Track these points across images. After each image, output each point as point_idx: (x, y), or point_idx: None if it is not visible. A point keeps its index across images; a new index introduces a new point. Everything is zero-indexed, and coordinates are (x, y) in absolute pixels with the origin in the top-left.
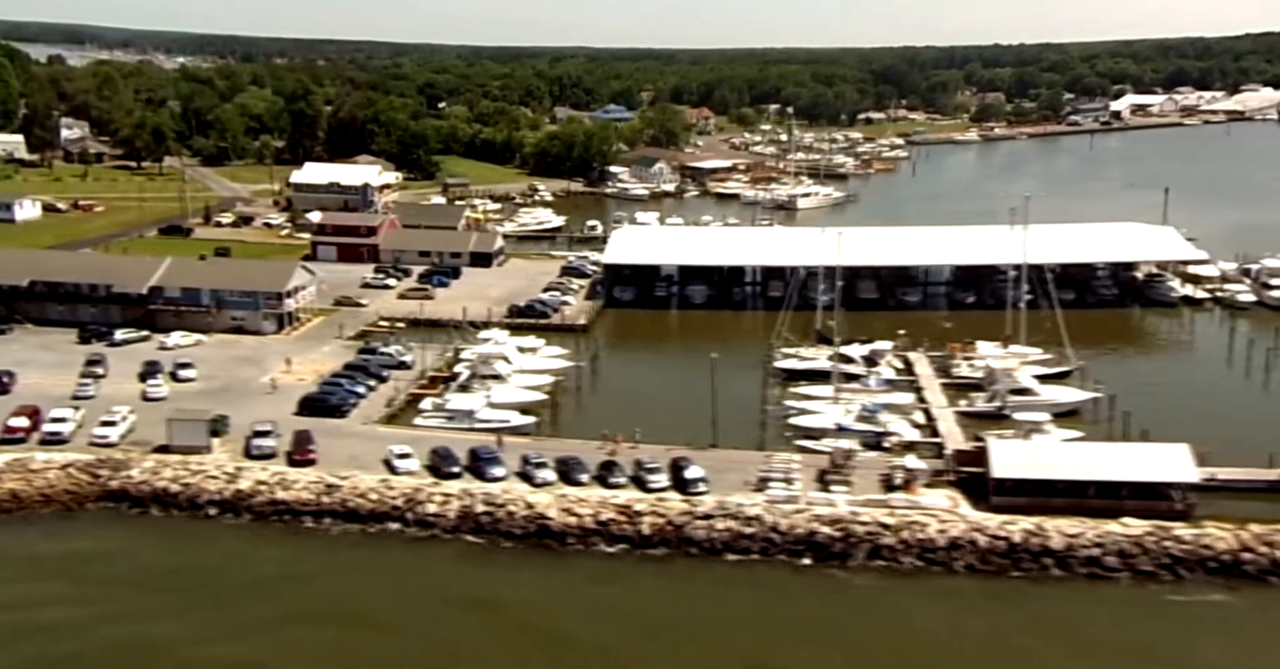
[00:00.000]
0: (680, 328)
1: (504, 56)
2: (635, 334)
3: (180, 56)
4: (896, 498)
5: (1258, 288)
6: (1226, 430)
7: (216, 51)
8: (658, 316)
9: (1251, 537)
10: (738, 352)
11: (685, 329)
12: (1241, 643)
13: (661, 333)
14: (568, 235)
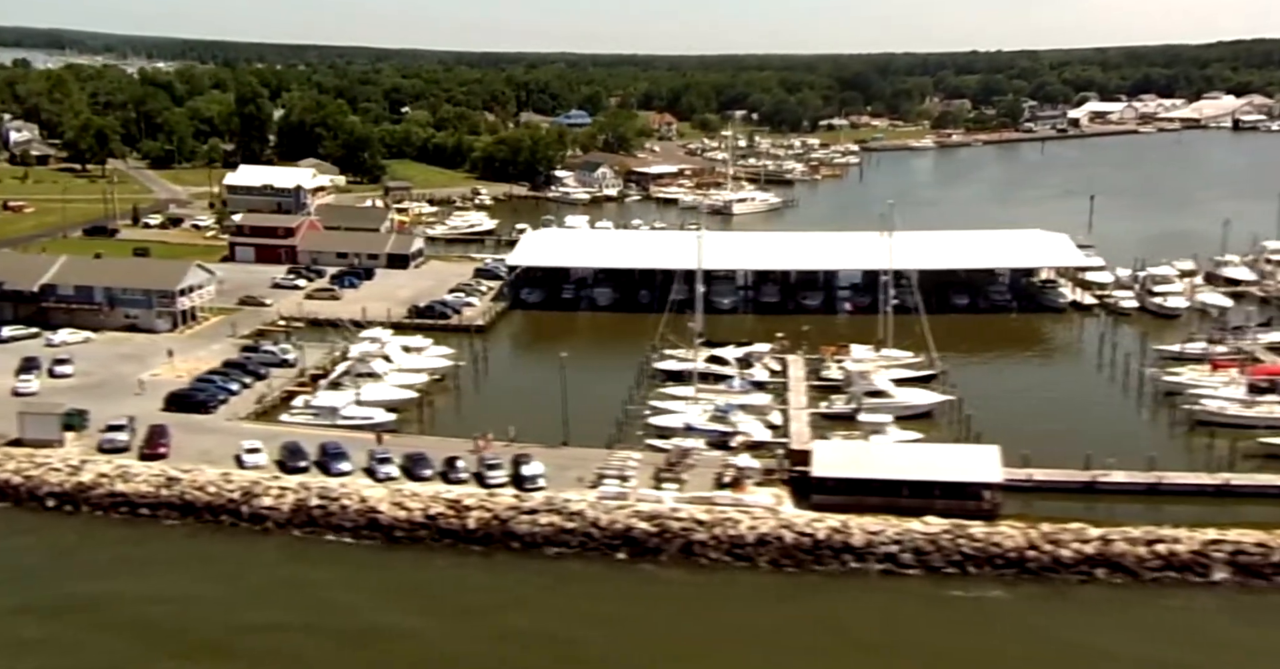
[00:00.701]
0: (580, 330)
1: (486, 62)
2: (533, 335)
3: (160, 61)
4: (722, 496)
5: (1142, 294)
6: (1067, 432)
7: (198, 56)
8: (561, 318)
9: (1039, 535)
10: (630, 353)
11: (584, 331)
12: (1006, 636)
13: (559, 334)
14: (496, 238)
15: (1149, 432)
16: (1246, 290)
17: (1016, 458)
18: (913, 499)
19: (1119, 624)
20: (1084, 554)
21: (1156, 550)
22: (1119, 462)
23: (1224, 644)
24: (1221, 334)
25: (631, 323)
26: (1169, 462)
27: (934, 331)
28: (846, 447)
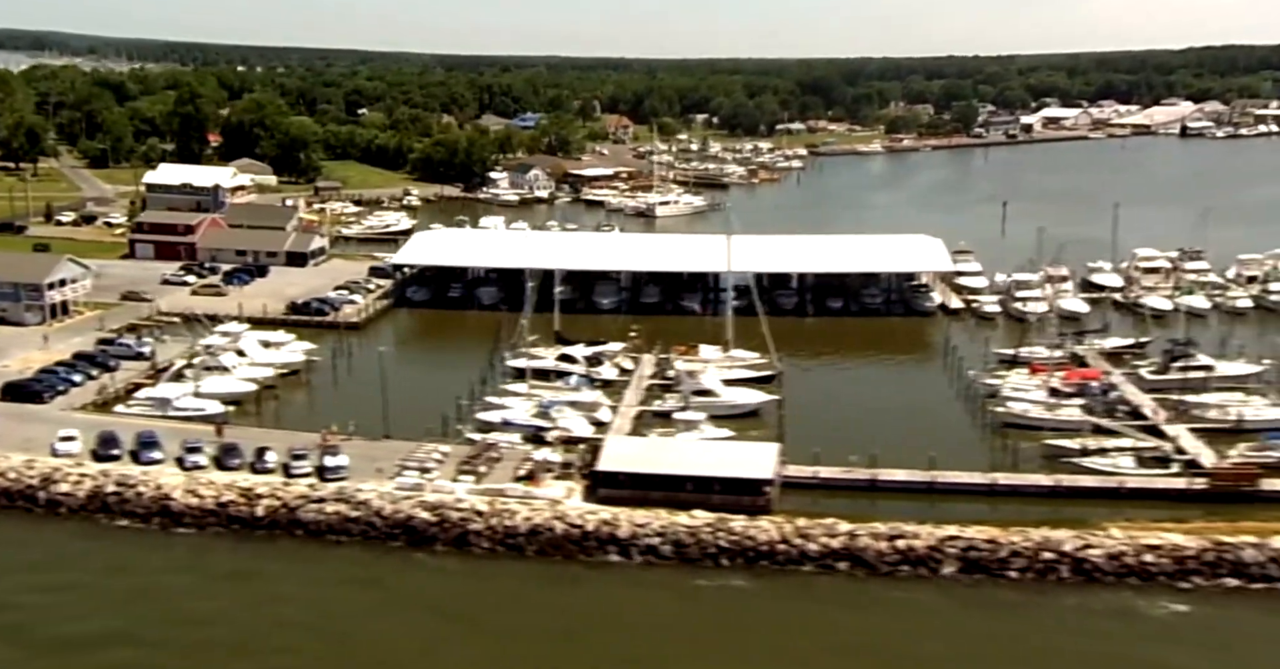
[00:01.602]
0: (457, 328)
1: (469, 65)
2: (409, 333)
3: (139, 63)
4: (513, 488)
5: (1006, 299)
6: (879, 432)
7: (179, 58)
8: (443, 317)
9: (792, 530)
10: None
11: (461, 329)
12: (737, 621)
13: (436, 332)
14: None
15: (960, 433)
16: (1109, 296)
17: (813, 456)
18: (694, 494)
19: (846, 612)
20: (830, 548)
21: (896, 545)
22: (903, 460)
23: (935, 629)
24: (1062, 339)
25: (513, 322)
26: (967, 462)
27: (800, 334)
28: (635, 443)
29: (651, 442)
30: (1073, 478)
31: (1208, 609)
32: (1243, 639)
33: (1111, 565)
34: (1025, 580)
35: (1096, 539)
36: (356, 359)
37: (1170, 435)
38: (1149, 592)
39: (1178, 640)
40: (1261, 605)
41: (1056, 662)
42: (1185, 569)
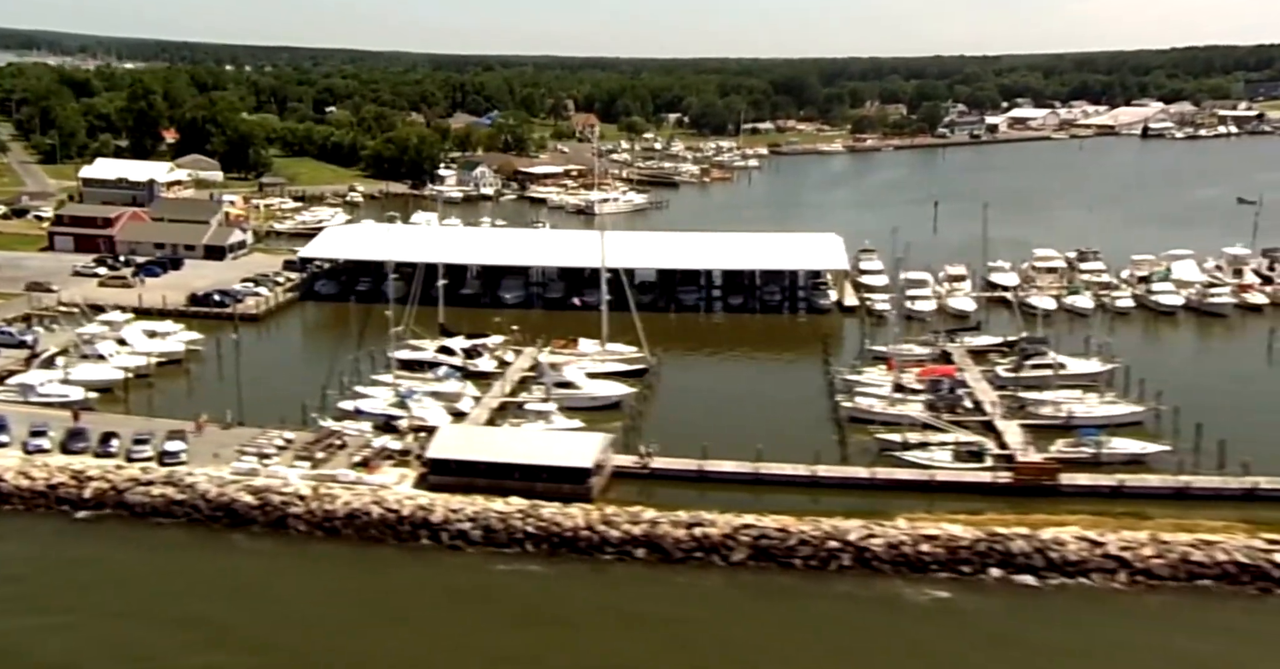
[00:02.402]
0: (355, 321)
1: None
2: (309, 325)
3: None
4: (345, 474)
5: (898, 297)
6: (733, 425)
7: (169, 57)
8: (348, 310)
9: (597, 517)
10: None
11: (359, 322)
12: (525, 603)
13: (335, 324)
14: None
15: (810, 427)
16: (999, 295)
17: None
18: (521, 482)
19: (628, 596)
20: (630, 535)
21: (693, 533)
22: (743, 453)
23: (710, 612)
24: (935, 336)
25: (406, 315)
26: (799, 454)
27: (696, 329)
28: (466, 431)
29: (483, 430)
30: (888, 471)
31: (969, 596)
32: (990, 624)
33: (889, 554)
34: (808, 568)
35: (881, 529)
36: (246, 350)
37: (1001, 431)
38: (919, 580)
39: (930, 625)
40: (1016, 592)
41: (811, 643)
42: (957, 558)
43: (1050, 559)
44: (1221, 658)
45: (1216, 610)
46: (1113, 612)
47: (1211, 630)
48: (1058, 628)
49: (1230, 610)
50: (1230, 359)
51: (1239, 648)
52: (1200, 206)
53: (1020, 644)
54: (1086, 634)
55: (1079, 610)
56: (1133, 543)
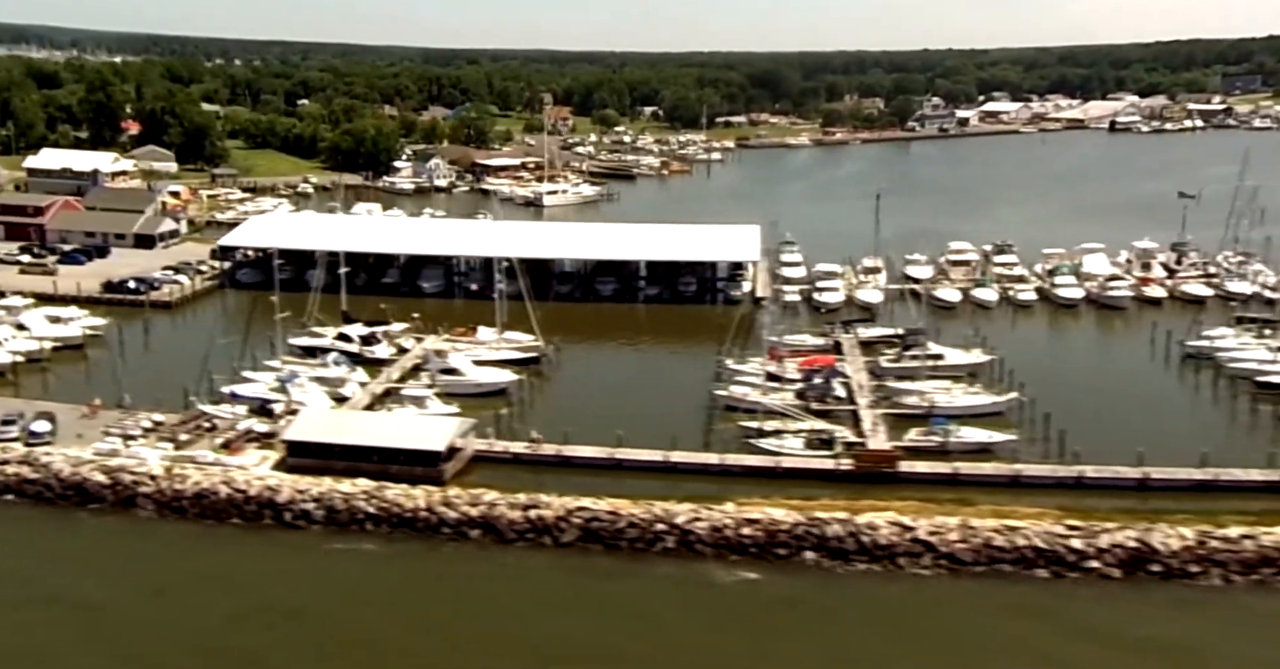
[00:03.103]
0: (270, 309)
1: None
2: (223, 312)
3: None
4: (204, 455)
5: (808, 289)
6: (613, 412)
7: (160, 51)
8: (265, 298)
9: (439, 498)
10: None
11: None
12: (358, 579)
13: (248, 312)
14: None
15: (688, 414)
16: (914, 288)
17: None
18: (377, 464)
19: (459, 573)
20: (468, 516)
21: (528, 515)
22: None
23: (525, 590)
24: (830, 327)
25: (334, 303)
26: (661, 440)
27: (606, 318)
28: (327, 414)
29: (342, 414)
30: (738, 457)
31: (777, 578)
32: (786, 605)
33: (712, 537)
34: (634, 550)
35: (708, 514)
36: (153, 336)
37: (863, 420)
38: (735, 562)
39: (729, 605)
40: (824, 575)
41: (611, 620)
42: (775, 542)
43: (862, 543)
44: (998, 634)
45: (1005, 592)
46: (909, 593)
47: (997, 610)
48: (854, 608)
49: (1019, 592)
50: (1111, 351)
51: (1018, 626)
52: (1141, 200)
53: (806, 624)
54: (880, 614)
55: (877, 591)
56: (941, 528)
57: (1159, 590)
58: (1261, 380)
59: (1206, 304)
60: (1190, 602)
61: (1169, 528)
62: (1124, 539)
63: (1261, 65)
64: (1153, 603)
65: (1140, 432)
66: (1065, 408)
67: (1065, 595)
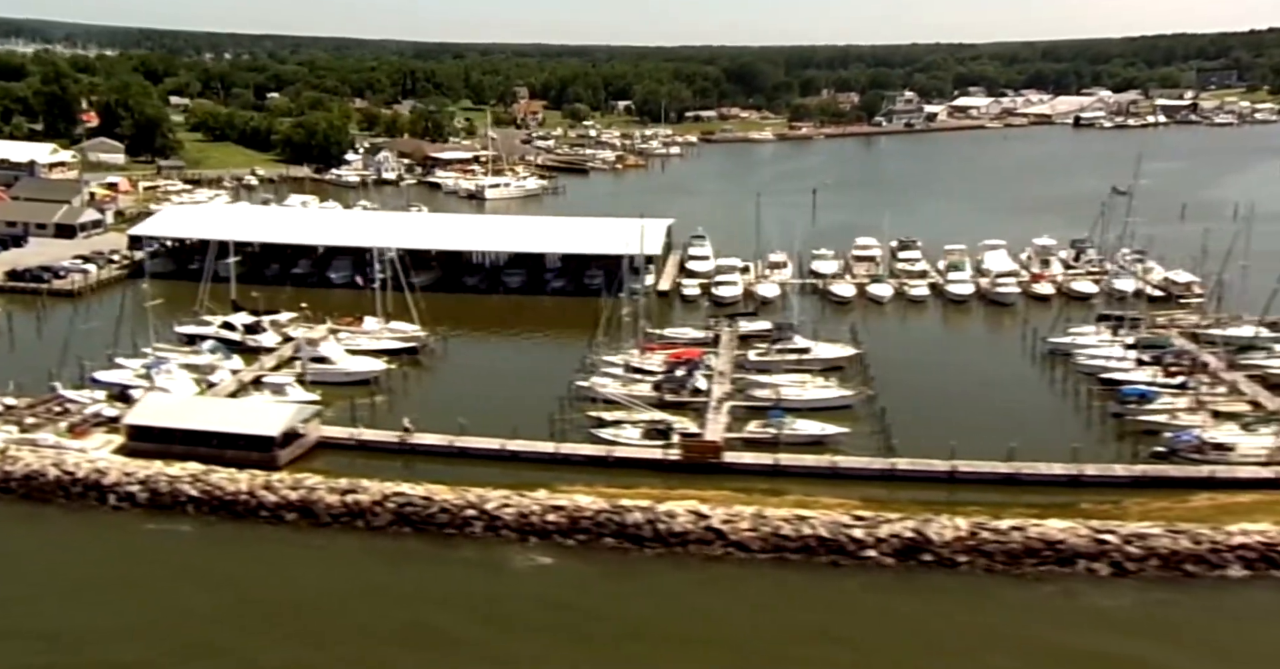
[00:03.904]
0: (183, 299)
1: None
2: (128, 302)
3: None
4: (45, 438)
5: (707, 283)
6: (478, 400)
7: (151, 46)
8: (175, 288)
9: (260, 483)
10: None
11: (187, 300)
12: (163, 559)
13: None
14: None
15: (548, 404)
16: (814, 282)
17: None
18: (216, 449)
19: (263, 554)
20: (287, 500)
21: (345, 499)
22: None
23: (331, 572)
24: (713, 321)
25: (224, 292)
26: (503, 428)
27: (503, 311)
28: (170, 399)
29: (184, 399)
30: (572, 446)
31: (568, 562)
32: (567, 587)
33: (518, 523)
34: (443, 534)
35: (518, 500)
36: (48, 324)
37: (708, 412)
38: (533, 547)
39: (512, 588)
40: (618, 560)
41: (395, 600)
42: (577, 528)
43: (658, 530)
44: (759, 616)
45: (778, 577)
46: (689, 578)
47: (765, 594)
48: (635, 592)
49: (793, 578)
50: (984, 346)
51: (782, 609)
52: (1075, 195)
53: (582, 603)
54: (657, 598)
55: (661, 576)
56: (735, 517)
57: (924, 578)
58: (1104, 377)
59: (1092, 301)
60: (948, 589)
61: (948, 519)
62: (902, 529)
63: (1238, 60)
64: (913, 589)
65: (977, 425)
66: (916, 401)
67: (834, 582)
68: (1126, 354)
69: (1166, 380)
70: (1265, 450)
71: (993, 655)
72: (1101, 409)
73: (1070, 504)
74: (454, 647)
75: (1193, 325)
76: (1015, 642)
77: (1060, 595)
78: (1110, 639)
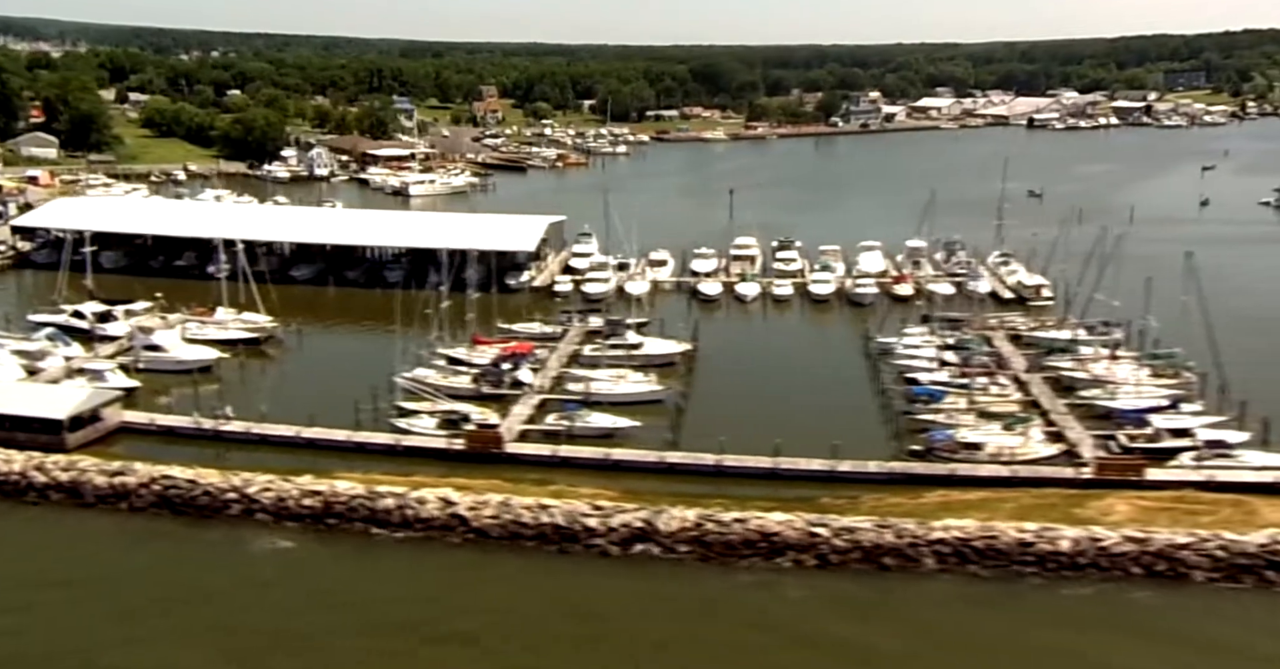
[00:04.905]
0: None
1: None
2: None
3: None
4: None
5: (580, 280)
6: (314, 390)
7: (141, 44)
8: (51, 278)
9: (33, 464)
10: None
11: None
12: None
13: (30, 291)
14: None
15: (368, 394)
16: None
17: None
18: (8, 432)
19: (22, 537)
20: (56, 481)
21: (113, 481)
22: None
23: (86, 552)
24: (565, 316)
25: (114, 285)
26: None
27: (370, 305)
28: None
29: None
30: (365, 435)
31: (309, 546)
32: (296, 569)
33: (274, 506)
34: (201, 516)
35: (280, 484)
36: None
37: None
38: (287, 530)
39: (253, 570)
40: (364, 544)
41: (137, 579)
42: (330, 512)
43: (406, 516)
44: (481, 598)
45: (511, 564)
46: (422, 562)
47: (491, 580)
48: (354, 574)
49: (521, 565)
50: (823, 345)
51: (502, 591)
52: (990, 198)
53: (294, 583)
54: (375, 581)
55: (390, 560)
56: (481, 505)
57: (641, 567)
58: (909, 376)
59: (954, 301)
60: (658, 576)
61: (680, 511)
62: (633, 520)
63: (1208, 62)
64: (630, 576)
65: (786, 421)
66: (735, 397)
67: (560, 568)
68: (938, 355)
69: (955, 381)
70: (1008, 449)
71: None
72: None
73: (813, 498)
74: (125, 619)
75: (1014, 328)
76: (682, 631)
77: (755, 586)
78: (778, 623)
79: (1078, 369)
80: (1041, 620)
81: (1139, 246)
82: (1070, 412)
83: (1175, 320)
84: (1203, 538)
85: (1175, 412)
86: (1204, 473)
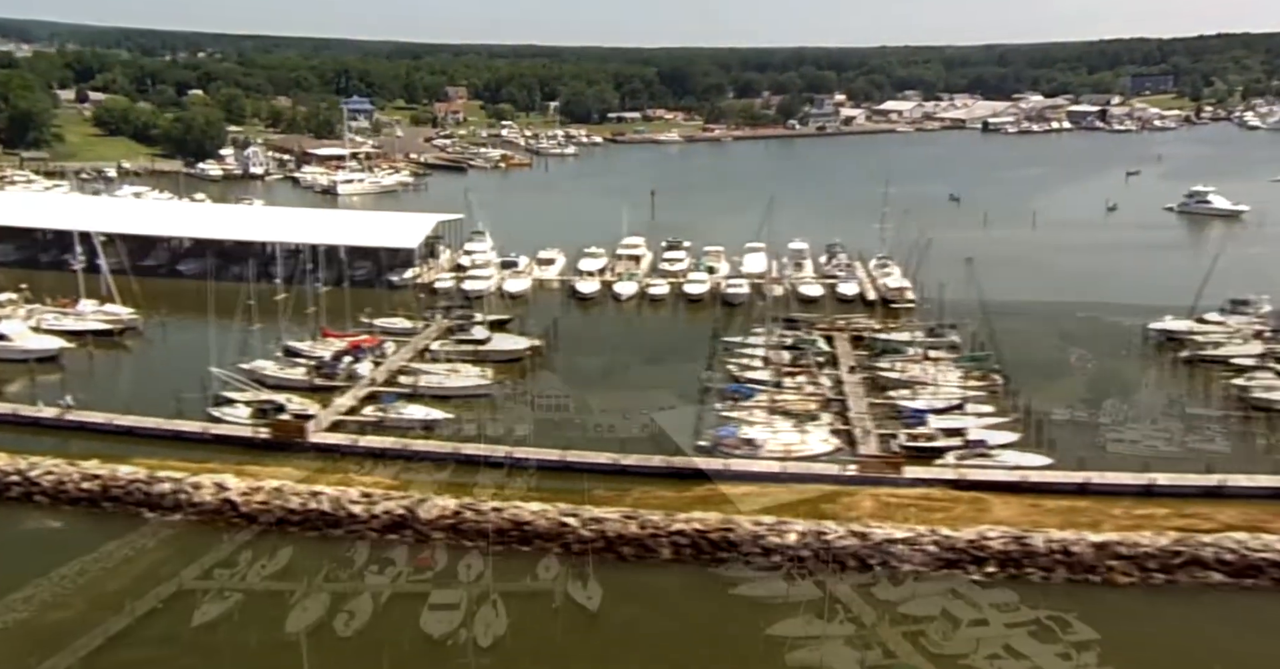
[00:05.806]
0: None
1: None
2: None
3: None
4: None
5: (459, 278)
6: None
7: (130, 46)
8: None
9: None
10: None
11: None
12: None
13: None
14: None
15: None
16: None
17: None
18: None
19: None
20: None
21: None
22: None
23: None
24: (431, 312)
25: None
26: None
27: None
28: None
29: None
30: (178, 423)
31: (78, 525)
32: (49, 550)
33: (54, 489)
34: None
35: (65, 468)
36: None
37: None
38: (65, 512)
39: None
40: (126, 523)
41: None
42: (107, 496)
43: (179, 500)
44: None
45: (268, 546)
46: (179, 544)
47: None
48: (107, 556)
49: (263, 545)
50: (683, 343)
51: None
52: (910, 201)
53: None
54: (124, 562)
55: (161, 542)
56: (253, 491)
57: (397, 551)
58: (734, 375)
59: (820, 303)
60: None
61: (444, 499)
62: (396, 507)
63: (1176, 66)
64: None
65: (584, 415)
66: (576, 392)
67: (320, 550)
68: (767, 353)
69: (770, 380)
70: (783, 446)
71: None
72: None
73: (590, 490)
74: None
75: (859, 330)
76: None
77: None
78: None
79: (892, 370)
80: (745, 608)
81: (1006, 250)
82: (870, 411)
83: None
84: (920, 533)
85: (960, 412)
86: (959, 472)
